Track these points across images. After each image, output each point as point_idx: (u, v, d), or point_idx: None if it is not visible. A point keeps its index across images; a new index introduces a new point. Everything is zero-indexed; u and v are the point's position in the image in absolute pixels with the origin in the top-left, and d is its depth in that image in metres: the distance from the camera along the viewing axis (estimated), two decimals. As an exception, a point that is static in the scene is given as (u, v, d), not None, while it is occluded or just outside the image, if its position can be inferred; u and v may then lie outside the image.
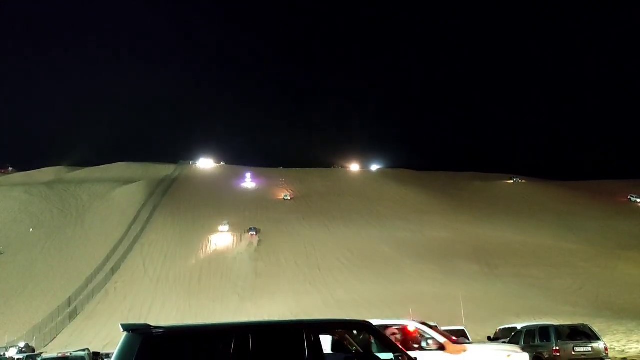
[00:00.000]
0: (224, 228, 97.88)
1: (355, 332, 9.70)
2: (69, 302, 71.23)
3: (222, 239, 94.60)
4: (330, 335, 9.68)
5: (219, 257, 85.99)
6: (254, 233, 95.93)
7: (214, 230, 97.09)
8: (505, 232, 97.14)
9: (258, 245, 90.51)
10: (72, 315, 67.55)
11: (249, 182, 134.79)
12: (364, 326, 8.58)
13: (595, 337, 19.47)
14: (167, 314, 63.46)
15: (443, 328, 21.23)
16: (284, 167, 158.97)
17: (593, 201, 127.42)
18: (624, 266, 78.43)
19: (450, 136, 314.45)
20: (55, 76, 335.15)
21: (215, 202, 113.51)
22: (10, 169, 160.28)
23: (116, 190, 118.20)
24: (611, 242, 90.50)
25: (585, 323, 22.33)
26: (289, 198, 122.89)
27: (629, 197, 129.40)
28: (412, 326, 20.77)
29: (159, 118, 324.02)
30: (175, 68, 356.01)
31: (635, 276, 74.03)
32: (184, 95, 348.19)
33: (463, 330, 23.28)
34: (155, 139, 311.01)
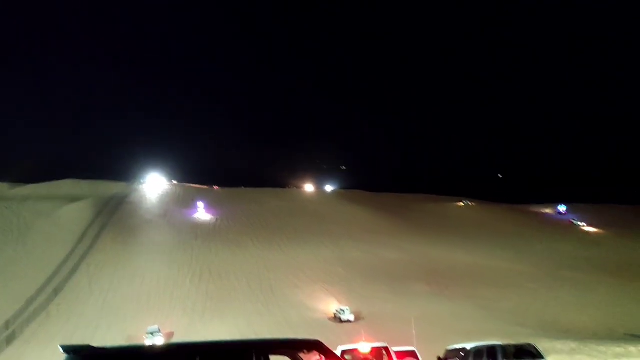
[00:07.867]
0: (154, 338, 58.35)
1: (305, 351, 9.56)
2: (7, 325, 67.63)
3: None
4: (282, 355, 9.50)
5: (169, 277, 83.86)
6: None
7: (162, 254, 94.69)
8: (455, 254, 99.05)
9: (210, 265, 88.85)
10: (10, 340, 64.12)
11: (202, 212, 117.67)
12: (314, 345, 8.45)
13: (539, 356, 20.07)
14: (113, 336, 61.13)
15: (395, 349, 21.30)
16: (245, 186, 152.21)
17: (539, 224, 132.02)
18: (569, 287, 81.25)
19: (403, 159, 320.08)
20: None
21: (164, 233, 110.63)
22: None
23: (62, 209, 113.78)
24: (556, 264, 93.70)
25: (530, 342, 22.92)
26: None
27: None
28: (364, 348, 20.76)
29: (109, 132, 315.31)
30: (126, 79, 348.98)
31: (579, 297, 76.78)
32: (135, 110, 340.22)
33: (414, 351, 23.38)
34: (105, 155, 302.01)
